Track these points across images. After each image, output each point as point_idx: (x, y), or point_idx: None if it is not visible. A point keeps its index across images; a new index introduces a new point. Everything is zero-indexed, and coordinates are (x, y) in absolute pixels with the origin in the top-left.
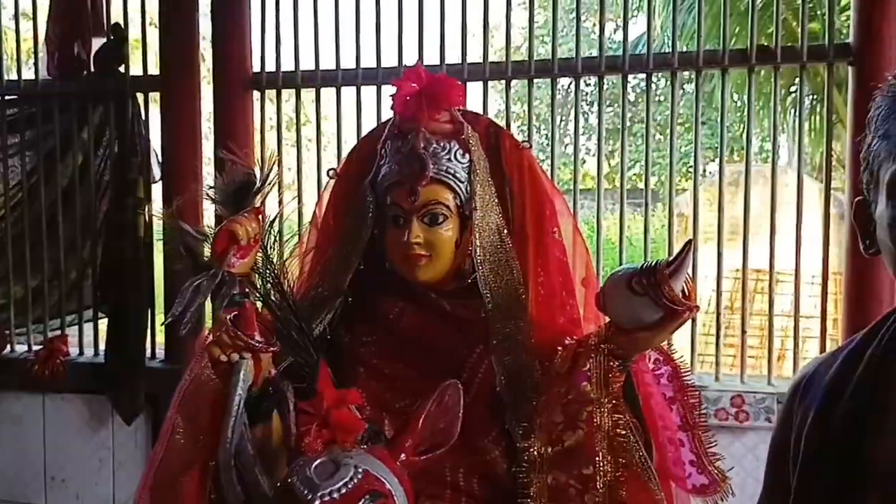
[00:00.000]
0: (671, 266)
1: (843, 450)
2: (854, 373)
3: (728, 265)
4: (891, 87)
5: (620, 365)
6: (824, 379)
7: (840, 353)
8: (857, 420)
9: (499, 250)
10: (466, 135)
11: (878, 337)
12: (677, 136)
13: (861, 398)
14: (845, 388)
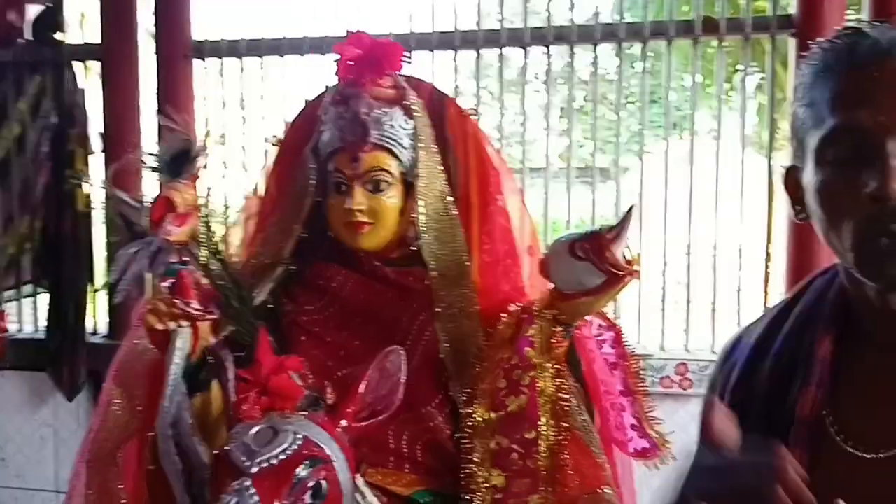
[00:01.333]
0: (613, 232)
1: (769, 402)
2: (780, 331)
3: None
4: (815, 56)
5: (563, 330)
6: (751, 338)
7: (767, 315)
8: (782, 374)
9: (443, 218)
10: (409, 101)
11: (804, 298)
12: (628, 114)
13: (786, 353)
14: (772, 344)
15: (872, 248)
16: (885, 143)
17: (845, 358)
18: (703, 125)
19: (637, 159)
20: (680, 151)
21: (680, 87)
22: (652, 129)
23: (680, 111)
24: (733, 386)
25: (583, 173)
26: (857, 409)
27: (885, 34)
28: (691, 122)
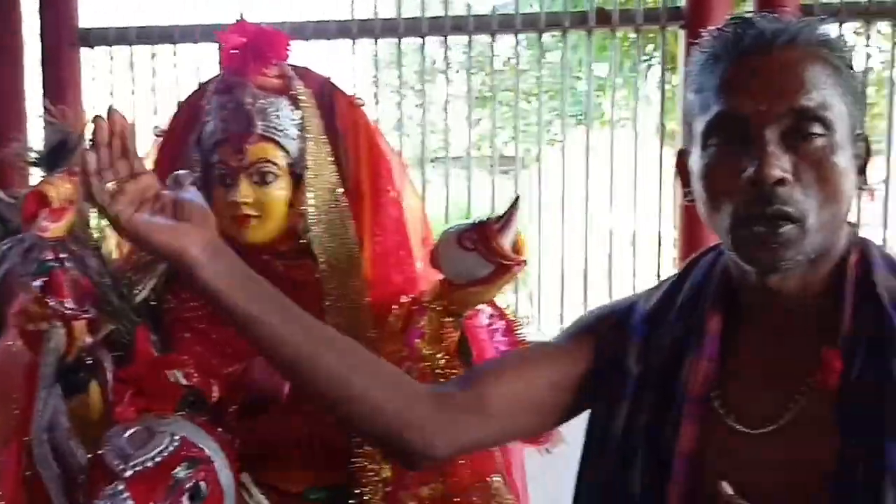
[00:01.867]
0: (500, 222)
1: (665, 376)
2: (672, 308)
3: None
4: (705, 44)
5: (454, 321)
6: (644, 310)
7: (660, 287)
8: (675, 346)
9: (333, 209)
10: (296, 90)
11: (691, 275)
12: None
13: (680, 326)
14: (666, 317)
15: (748, 233)
16: (764, 129)
17: (731, 335)
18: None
19: (547, 148)
20: (589, 140)
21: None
22: (562, 119)
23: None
24: (631, 355)
25: (498, 161)
26: (739, 386)
27: (770, 25)
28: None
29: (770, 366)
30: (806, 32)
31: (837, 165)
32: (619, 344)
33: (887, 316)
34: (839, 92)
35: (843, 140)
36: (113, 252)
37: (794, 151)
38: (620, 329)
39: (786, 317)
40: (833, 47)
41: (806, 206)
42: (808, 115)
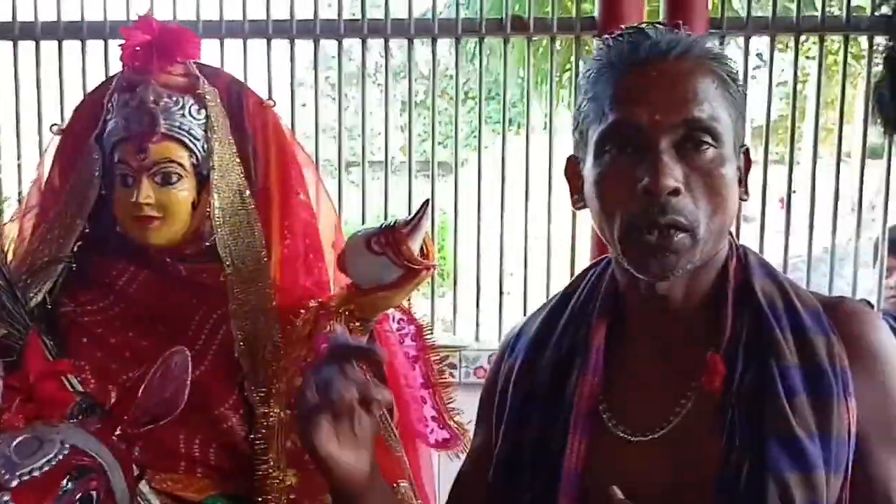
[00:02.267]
0: (409, 225)
1: (551, 393)
2: (559, 323)
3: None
4: (600, 53)
5: (362, 326)
6: (531, 331)
7: (546, 306)
8: (561, 364)
9: (240, 212)
10: (203, 90)
11: (579, 289)
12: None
13: (565, 343)
14: (551, 336)
15: (641, 241)
16: (659, 139)
17: (617, 345)
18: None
19: (473, 154)
20: (506, 146)
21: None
22: (489, 125)
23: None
24: (516, 377)
25: (421, 167)
26: (627, 395)
27: (664, 36)
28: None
29: (657, 373)
30: (697, 45)
31: (725, 177)
32: (509, 375)
33: (766, 320)
34: (726, 105)
35: (730, 152)
36: (9, 253)
37: (686, 162)
38: (508, 360)
39: (671, 324)
40: (721, 61)
41: (697, 215)
42: (700, 126)
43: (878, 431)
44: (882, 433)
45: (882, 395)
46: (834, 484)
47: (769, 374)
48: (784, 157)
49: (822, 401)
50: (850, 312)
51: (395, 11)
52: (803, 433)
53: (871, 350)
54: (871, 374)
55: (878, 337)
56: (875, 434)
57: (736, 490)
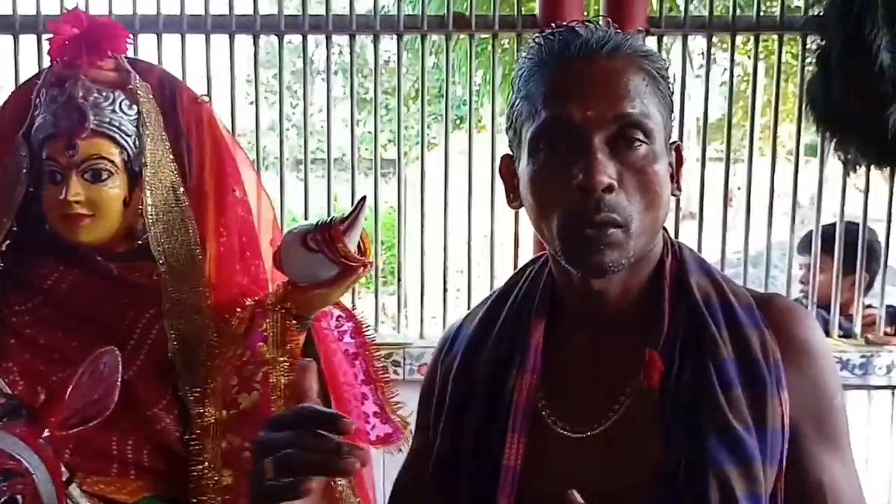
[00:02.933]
0: (345, 223)
1: (490, 391)
2: (497, 321)
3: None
4: (532, 50)
5: (299, 324)
6: (469, 329)
7: (484, 304)
8: (500, 362)
9: (173, 209)
10: (134, 85)
11: (517, 286)
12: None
13: (504, 342)
14: (490, 334)
15: (577, 237)
16: (592, 136)
17: (557, 343)
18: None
19: (422, 151)
20: (463, 144)
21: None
22: (437, 123)
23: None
24: (455, 375)
25: (365, 164)
26: (566, 392)
27: (594, 33)
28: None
29: (596, 369)
30: (628, 43)
31: (657, 173)
32: (448, 374)
33: (702, 316)
34: (656, 101)
35: (661, 148)
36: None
37: (619, 159)
38: (447, 359)
39: (609, 321)
40: (651, 58)
41: (630, 211)
42: (632, 123)
43: (809, 424)
44: (813, 425)
45: (813, 389)
46: (770, 475)
47: (705, 370)
48: (732, 155)
49: (757, 394)
50: (782, 309)
51: (337, 7)
52: (740, 426)
53: (802, 345)
54: (803, 368)
55: (809, 333)
56: (806, 426)
57: (676, 485)
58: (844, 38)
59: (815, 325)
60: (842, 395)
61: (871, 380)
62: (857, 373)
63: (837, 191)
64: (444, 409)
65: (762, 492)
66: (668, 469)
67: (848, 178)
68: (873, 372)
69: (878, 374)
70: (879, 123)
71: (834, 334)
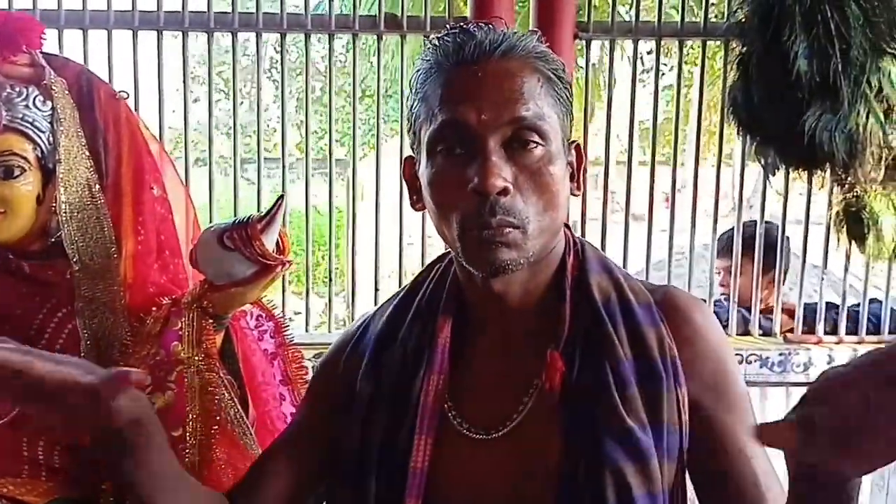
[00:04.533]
0: (263, 221)
1: (397, 391)
2: (404, 320)
3: None
4: (428, 52)
5: (215, 323)
6: (377, 326)
7: (391, 301)
8: (408, 362)
9: (88, 206)
10: (49, 81)
11: (425, 284)
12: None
13: (412, 342)
14: (398, 333)
15: (474, 239)
16: (487, 139)
17: (463, 342)
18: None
19: (372, 151)
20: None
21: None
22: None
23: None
24: (364, 375)
25: (320, 164)
26: (472, 393)
27: (488, 35)
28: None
29: (500, 370)
30: (522, 44)
31: (554, 175)
32: (355, 369)
33: (600, 316)
34: (552, 102)
35: (558, 149)
36: None
37: (515, 161)
38: (354, 353)
39: (512, 322)
40: (546, 59)
41: (526, 213)
42: (527, 125)
43: (717, 404)
44: (721, 404)
45: (713, 371)
46: (668, 471)
47: (603, 370)
48: (669, 158)
49: (654, 392)
50: (677, 301)
51: (268, 6)
52: (636, 424)
53: (697, 332)
54: (700, 353)
55: (704, 321)
56: (715, 407)
57: (576, 484)
58: (764, 44)
59: (710, 316)
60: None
61: (789, 377)
62: (776, 370)
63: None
64: (351, 404)
65: (659, 489)
66: (568, 470)
67: (768, 182)
68: (791, 369)
69: (796, 372)
70: (797, 128)
71: (754, 333)
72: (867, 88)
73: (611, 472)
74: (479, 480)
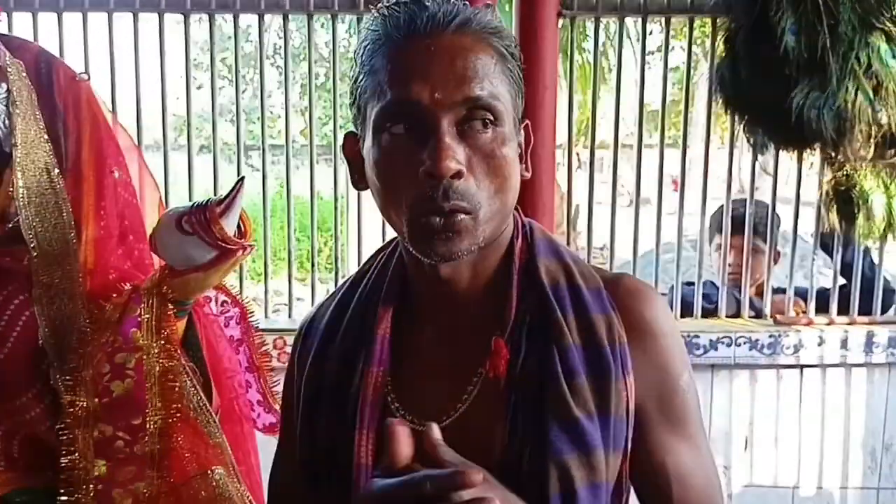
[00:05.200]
0: (222, 204)
1: (337, 388)
2: (347, 311)
3: None
4: (376, 22)
5: (176, 309)
6: (322, 322)
7: (337, 293)
8: (348, 355)
9: (46, 191)
10: (3, 62)
11: (367, 274)
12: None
13: (351, 334)
14: (340, 326)
15: (425, 225)
16: (440, 119)
17: (406, 332)
18: None
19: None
20: None
21: None
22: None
23: None
24: (308, 372)
25: (325, 151)
26: (415, 383)
27: (442, 6)
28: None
29: (445, 359)
30: (476, 18)
31: (507, 157)
32: (305, 359)
33: (548, 301)
34: (505, 81)
35: (510, 130)
36: None
37: (468, 142)
38: (304, 349)
39: (458, 308)
40: (500, 35)
41: (479, 198)
42: (481, 105)
43: (655, 406)
44: (659, 408)
45: (658, 371)
46: (613, 462)
47: (550, 357)
48: (676, 141)
49: (602, 381)
50: (629, 289)
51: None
52: (583, 414)
53: (648, 326)
54: (648, 350)
55: (656, 313)
56: (652, 408)
57: (518, 476)
58: (751, 21)
59: (661, 305)
60: (690, 376)
61: (779, 359)
62: (766, 352)
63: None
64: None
65: (602, 480)
66: (511, 459)
67: (757, 161)
68: (781, 352)
69: (787, 354)
70: (785, 106)
71: (745, 314)
72: (856, 65)
73: (554, 462)
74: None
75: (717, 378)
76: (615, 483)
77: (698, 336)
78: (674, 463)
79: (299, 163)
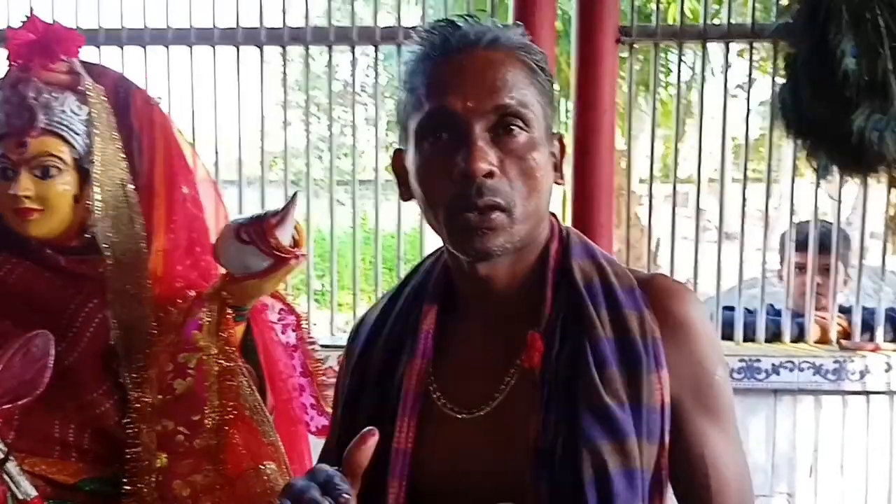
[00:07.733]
0: (277, 216)
1: (381, 378)
2: (393, 312)
3: None
4: (415, 44)
5: (236, 314)
6: (371, 321)
7: (386, 295)
8: (392, 349)
9: (121, 205)
10: (84, 86)
11: (415, 277)
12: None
13: (396, 330)
14: (385, 326)
15: (462, 223)
16: (472, 125)
17: (449, 329)
18: None
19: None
20: None
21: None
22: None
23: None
24: (354, 366)
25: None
26: (456, 375)
27: (473, 27)
28: None
29: (484, 352)
30: (505, 36)
31: (537, 160)
32: (350, 357)
33: (581, 297)
34: (535, 92)
35: (541, 137)
36: None
37: (500, 147)
38: (351, 351)
39: (497, 305)
40: (529, 51)
41: (512, 196)
42: (510, 112)
43: (691, 400)
44: (695, 401)
45: (692, 364)
46: (647, 450)
47: (582, 349)
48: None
49: (633, 372)
50: (662, 287)
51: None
52: (614, 402)
53: (681, 322)
54: (682, 344)
55: (689, 310)
56: (688, 401)
57: (553, 461)
58: (811, 44)
59: (694, 301)
60: (724, 370)
61: (844, 385)
62: (831, 378)
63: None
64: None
65: (636, 467)
66: (545, 446)
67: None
68: (847, 377)
69: (852, 380)
70: (846, 129)
71: (809, 340)
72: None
73: (587, 448)
74: (462, 458)
75: (780, 404)
76: (653, 475)
77: (759, 360)
78: (711, 455)
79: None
